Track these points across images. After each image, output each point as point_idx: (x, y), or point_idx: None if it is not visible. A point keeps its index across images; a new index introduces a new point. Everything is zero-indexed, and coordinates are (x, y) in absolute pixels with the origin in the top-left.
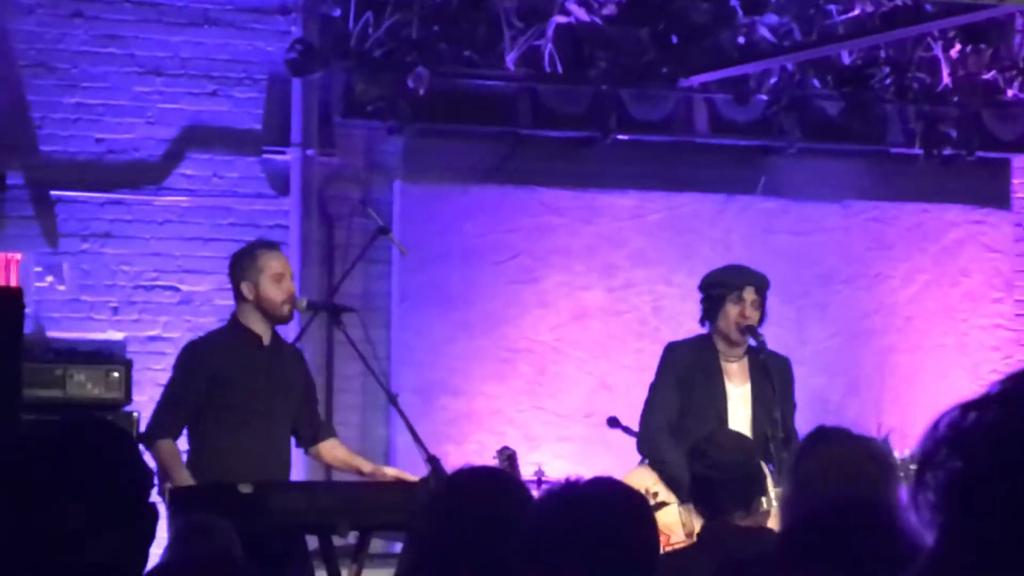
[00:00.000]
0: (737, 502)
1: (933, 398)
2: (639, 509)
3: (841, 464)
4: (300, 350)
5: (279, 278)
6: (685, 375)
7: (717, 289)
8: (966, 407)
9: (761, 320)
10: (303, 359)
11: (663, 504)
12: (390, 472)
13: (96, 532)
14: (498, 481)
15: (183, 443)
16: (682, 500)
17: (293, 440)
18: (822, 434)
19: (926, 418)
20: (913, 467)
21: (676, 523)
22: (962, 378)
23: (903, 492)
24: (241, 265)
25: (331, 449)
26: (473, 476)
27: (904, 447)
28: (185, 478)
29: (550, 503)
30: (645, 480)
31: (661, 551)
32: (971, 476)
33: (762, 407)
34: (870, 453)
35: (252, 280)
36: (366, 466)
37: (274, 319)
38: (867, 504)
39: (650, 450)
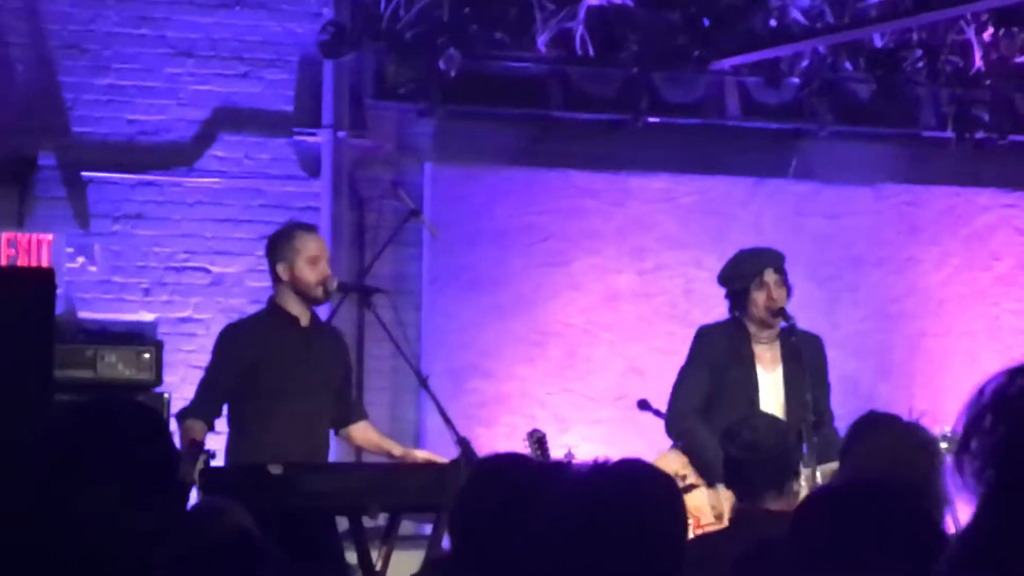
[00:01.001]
0: (770, 484)
1: (964, 382)
2: (668, 491)
3: (891, 452)
4: (340, 332)
5: (315, 260)
6: (717, 360)
7: (738, 282)
8: (1013, 373)
9: (789, 294)
10: (343, 341)
11: (692, 487)
12: (420, 455)
13: (126, 511)
14: (528, 467)
15: (223, 425)
16: (710, 483)
17: None
18: (872, 420)
19: (957, 402)
20: (946, 447)
21: (705, 506)
22: (993, 362)
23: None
24: (277, 246)
25: (362, 431)
26: (509, 462)
27: (934, 430)
28: (188, 466)
29: (579, 485)
30: (674, 464)
31: (690, 534)
32: (1017, 442)
33: (794, 391)
34: (921, 442)
35: (288, 261)
36: (397, 449)
37: (309, 300)
38: (902, 488)
39: (679, 433)
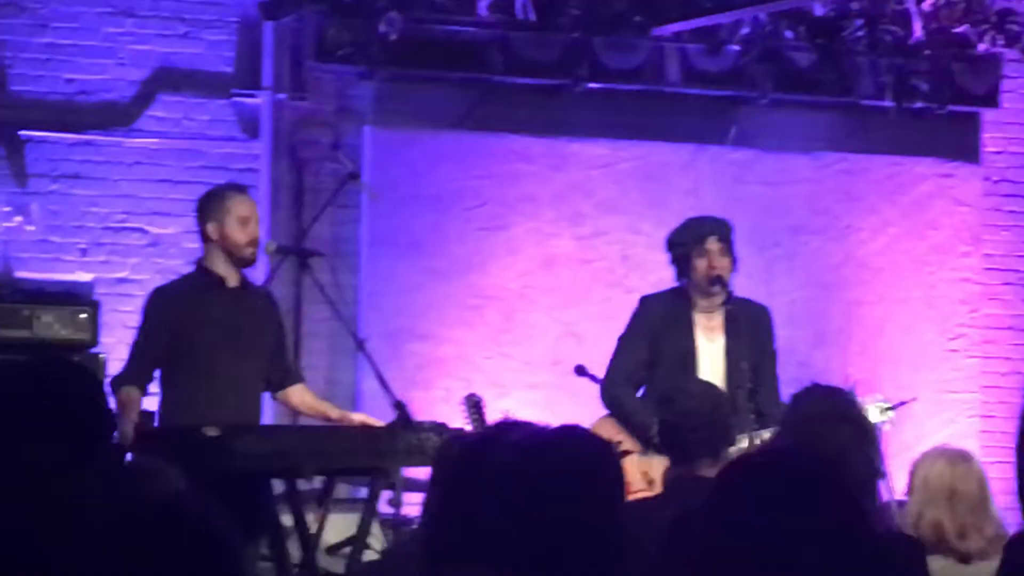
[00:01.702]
0: (705, 450)
1: (899, 351)
2: (606, 456)
3: (816, 422)
4: (272, 294)
5: (245, 221)
6: (657, 328)
7: (681, 247)
8: None
9: (733, 265)
10: (274, 302)
11: (625, 453)
12: (357, 418)
13: (61, 471)
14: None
15: (155, 387)
16: (643, 450)
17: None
18: (806, 392)
19: (891, 370)
20: (880, 414)
21: (636, 473)
22: (929, 331)
23: (878, 454)
24: (208, 206)
25: (299, 394)
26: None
27: (867, 398)
28: (126, 432)
29: (519, 453)
30: (608, 430)
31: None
32: None
33: (734, 360)
34: (844, 414)
35: (218, 221)
36: (333, 412)
37: (238, 261)
38: (816, 458)
39: (611, 399)
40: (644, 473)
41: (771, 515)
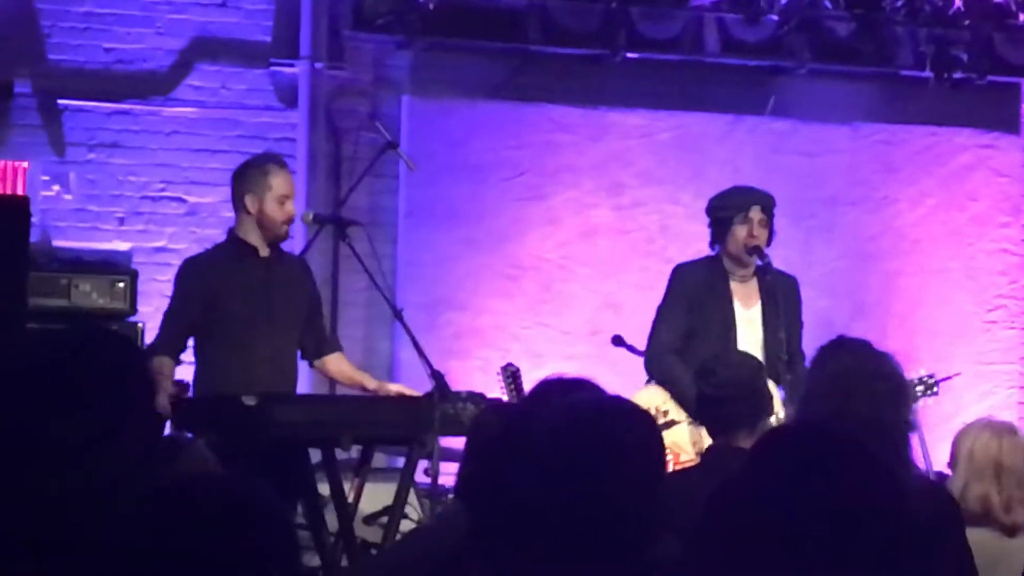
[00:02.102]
0: (742, 422)
1: (938, 322)
2: (646, 427)
3: (850, 378)
4: (306, 262)
5: (283, 200)
6: (695, 296)
7: (724, 212)
8: None
9: (770, 239)
10: (309, 271)
11: (673, 423)
12: (393, 388)
13: (101, 440)
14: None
15: (190, 356)
16: (692, 419)
17: (299, 353)
18: (838, 345)
19: (930, 341)
20: (922, 390)
21: (686, 442)
22: (967, 302)
23: (911, 412)
24: (249, 177)
25: (336, 363)
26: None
27: (908, 370)
28: (162, 401)
29: (559, 422)
30: (655, 399)
31: (669, 470)
32: None
33: (771, 329)
34: (881, 371)
35: (258, 195)
36: (370, 382)
37: (271, 237)
38: (852, 433)
39: (659, 369)
40: (694, 443)
41: (806, 488)
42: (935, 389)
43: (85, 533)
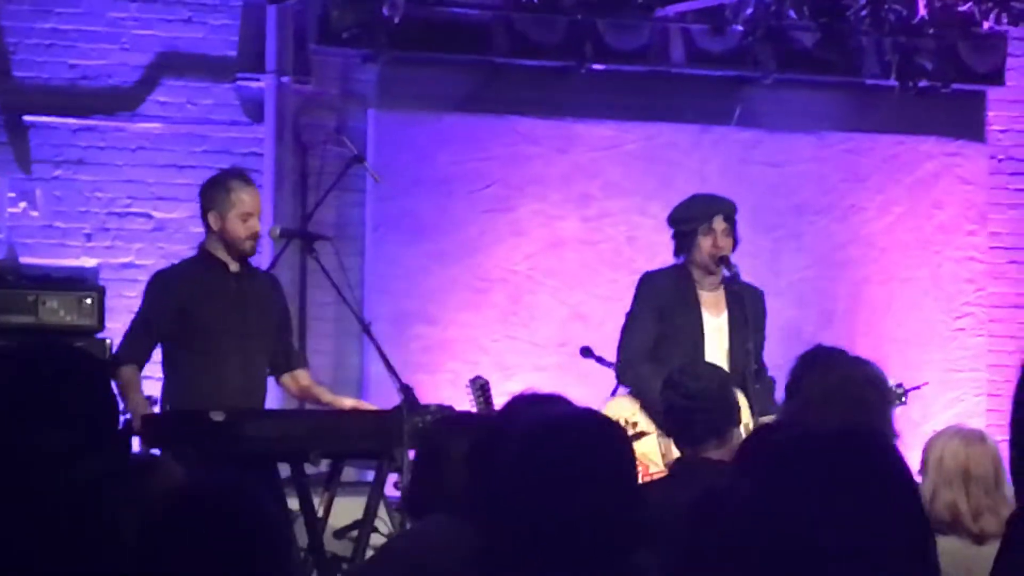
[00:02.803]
0: (711, 433)
1: (906, 330)
2: (617, 438)
3: (841, 388)
4: (275, 277)
5: (247, 217)
6: (663, 304)
7: (686, 224)
8: None
9: (734, 246)
10: (278, 286)
11: (643, 434)
12: (348, 402)
13: (68, 457)
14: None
15: (157, 371)
16: (662, 430)
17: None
18: (820, 355)
19: (898, 349)
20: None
21: (655, 453)
22: (935, 310)
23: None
24: (212, 195)
25: (295, 379)
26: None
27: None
28: (139, 402)
29: (527, 434)
30: (624, 410)
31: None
32: None
33: (738, 338)
34: (870, 378)
35: (220, 212)
36: (325, 396)
37: (237, 253)
38: (861, 431)
39: (631, 379)
40: (664, 455)
41: (832, 494)
42: (903, 399)
43: (54, 551)
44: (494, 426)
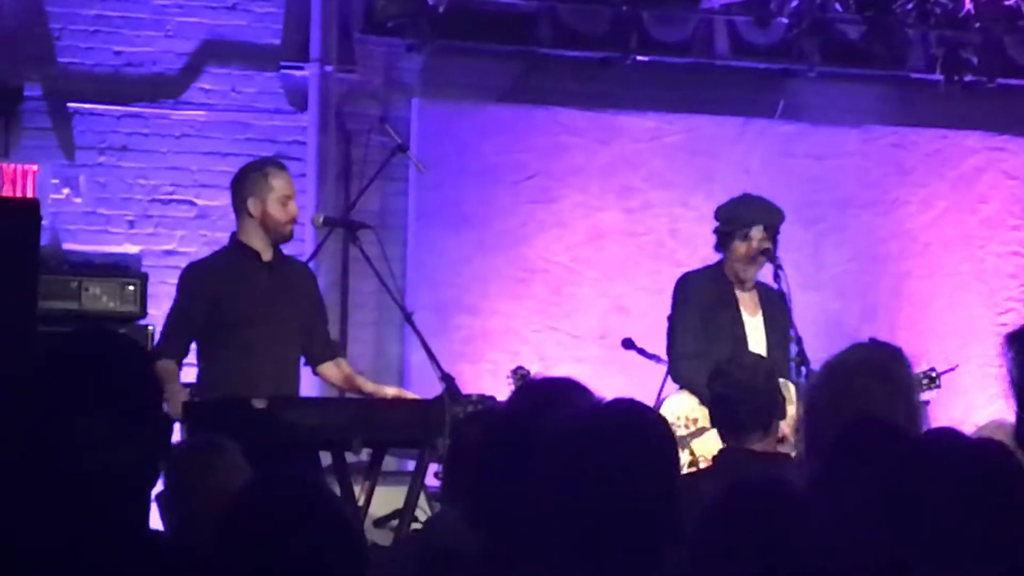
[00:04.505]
0: (756, 424)
1: (948, 324)
2: (658, 428)
3: (847, 377)
4: (309, 267)
5: (286, 200)
6: (703, 304)
7: (727, 224)
8: None
9: (773, 253)
10: (312, 275)
11: (703, 430)
12: (391, 391)
13: (109, 442)
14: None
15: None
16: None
17: (303, 358)
18: (850, 348)
19: (940, 343)
20: (927, 383)
21: (716, 449)
22: (978, 305)
23: (914, 412)
24: (250, 181)
25: (335, 368)
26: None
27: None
28: (177, 391)
29: (570, 427)
30: (684, 407)
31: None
32: None
33: (774, 336)
34: (875, 369)
35: (260, 197)
36: (367, 386)
37: (276, 238)
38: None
39: (686, 376)
40: None
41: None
42: (938, 383)
43: (99, 539)
44: (516, 413)
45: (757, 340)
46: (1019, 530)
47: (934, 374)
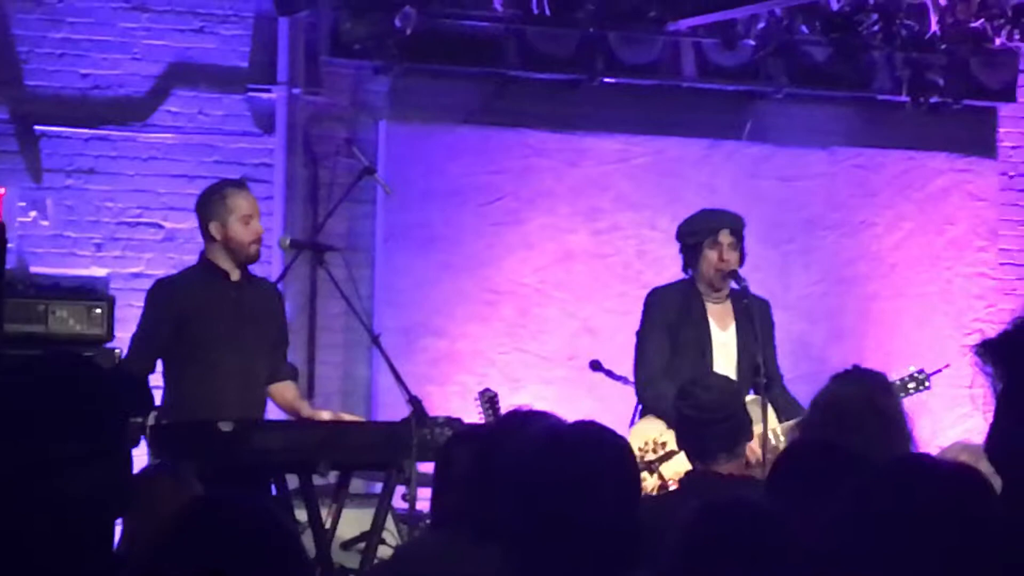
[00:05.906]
0: (722, 445)
1: (915, 345)
2: (619, 452)
3: (840, 410)
4: (276, 287)
5: (247, 219)
6: (671, 319)
7: (693, 237)
8: None
9: (741, 260)
10: (280, 296)
11: (672, 453)
12: (325, 414)
13: (74, 466)
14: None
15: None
16: None
17: None
18: (840, 376)
19: (907, 364)
20: (913, 385)
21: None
22: (945, 326)
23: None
24: (210, 204)
25: (282, 389)
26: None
27: (898, 368)
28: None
29: (533, 446)
30: (651, 431)
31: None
32: None
33: (746, 351)
34: (871, 405)
35: (221, 220)
36: (304, 410)
37: (242, 259)
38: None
39: (652, 397)
40: None
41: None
42: (927, 384)
43: (59, 561)
44: (493, 439)
45: (726, 356)
46: (988, 553)
47: (922, 375)
